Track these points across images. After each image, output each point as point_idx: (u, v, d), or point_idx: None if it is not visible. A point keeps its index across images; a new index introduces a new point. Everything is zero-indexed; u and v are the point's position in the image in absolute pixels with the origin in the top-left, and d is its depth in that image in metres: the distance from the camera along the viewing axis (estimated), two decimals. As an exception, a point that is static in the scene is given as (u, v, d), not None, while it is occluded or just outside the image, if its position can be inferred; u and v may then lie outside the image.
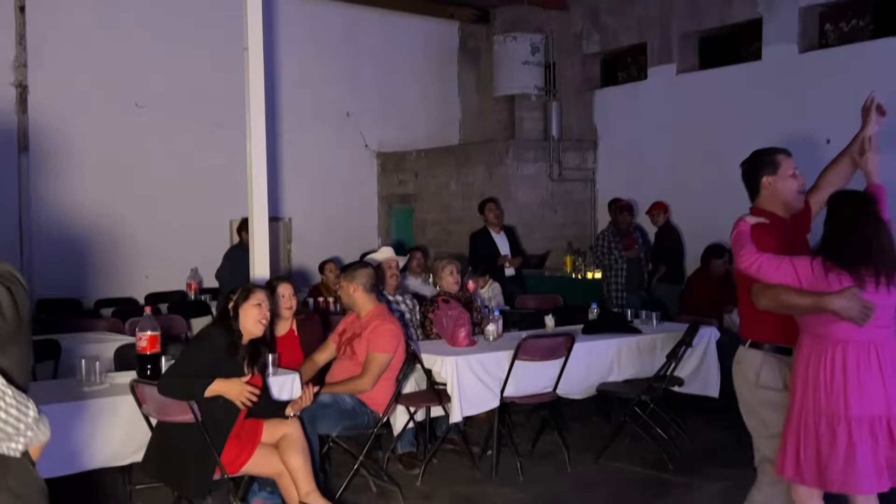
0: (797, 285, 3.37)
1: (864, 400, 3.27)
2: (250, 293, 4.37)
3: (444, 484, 5.32)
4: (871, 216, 3.39)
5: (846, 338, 3.32)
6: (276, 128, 10.62)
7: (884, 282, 3.29)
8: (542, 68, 11.53)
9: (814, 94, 9.14)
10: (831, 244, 3.38)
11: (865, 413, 3.27)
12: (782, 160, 3.76)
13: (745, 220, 3.64)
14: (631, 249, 8.87)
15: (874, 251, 3.32)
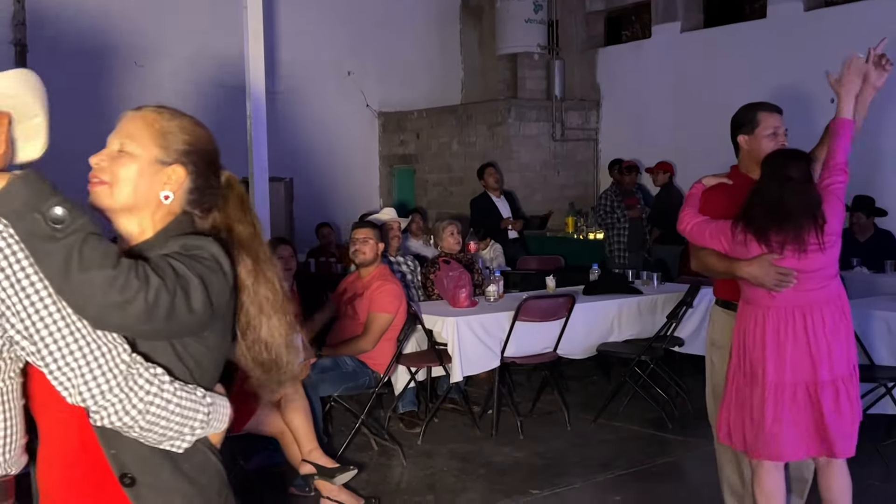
0: (722, 250, 3.36)
1: (785, 366, 3.23)
2: None
3: (444, 442, 5.38)
4: (779, 177, 3.25)
5: (767, 303, 3.28)
6: (276, 87, 10.55)
7: (792, 247, 3.19)
8: (545, 26, 11.42)
9: (818, 53, 9.03)
10: (745, 208, 3.32)
11: (787, 379, 3.23)
12: (763, 118, 3.56)
13: (701, 181, 3.61)
14: (633, 209, 8.86)
15: (780, 215, 3.21)
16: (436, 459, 5.10)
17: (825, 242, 3.20)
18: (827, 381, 3.22)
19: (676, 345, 6.14)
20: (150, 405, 1.55)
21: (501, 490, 4.58)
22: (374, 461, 5.03)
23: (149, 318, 1.51)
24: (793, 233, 3.20)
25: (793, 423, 3.24)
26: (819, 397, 3.22)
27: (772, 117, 3.58)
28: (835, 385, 3.23)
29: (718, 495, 4.65)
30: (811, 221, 3.21)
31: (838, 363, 3.24)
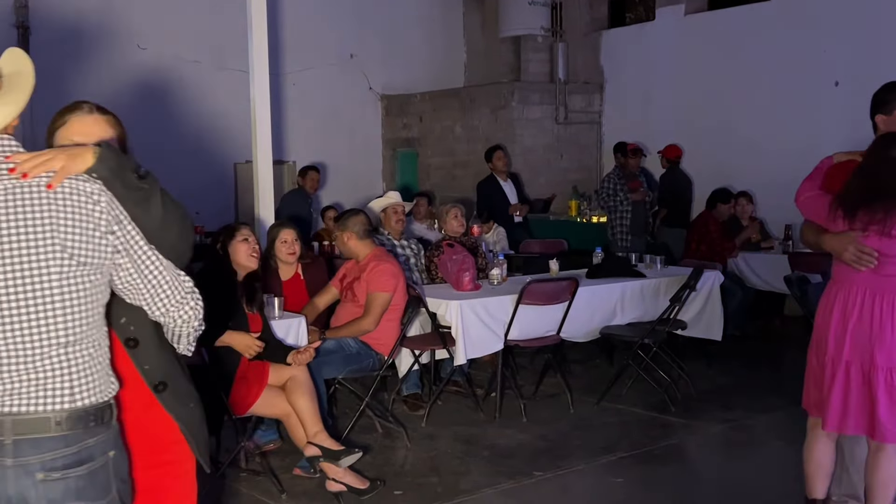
0: (822, 223, 3.38)
1: (844, 342, 3.29)
2: (235, 230, 4.42)
3: (448, 425, 5.40)
4: (880, 156, 3.25)
5: (844, 279, 3.34)
6: (279, 70, 10.53)
7: (877, 227, 3.19)
8: (549, 9, 11.35)
9: (823, 36, 9.01)
10: (846, 183, 3.32)
11: (844, 355, 3.30)
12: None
13: (831, 156, 3.54)
14: (636, 192, 8.86)
15: (871, 193, 3.23)
16: (439, 442, 5.13)
17: (888, 230, 3.17)
18: (882, 366, 3.24)
19: (679, 328, 6.15)
20: (200, 307, 2.04)
21: (505, 472, 4.61)
22: (378, 443, 5.06)
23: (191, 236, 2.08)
24: (880, 213, 3.20)
25: (842, 398, 3.31)
26: (872, 379, 3.26)
27: None
28: (891, 372, 3.24)
29: (720, 477, 4.70)
30: (887, 203, 3.19)
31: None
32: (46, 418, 1.77)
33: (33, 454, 1.76)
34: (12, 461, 1.75)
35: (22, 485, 1.75)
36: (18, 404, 1.76)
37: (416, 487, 4.41)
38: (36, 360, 1.77)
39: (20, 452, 1.75)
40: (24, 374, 1.76)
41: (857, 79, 8.36)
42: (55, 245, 1.76)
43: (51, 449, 1.77)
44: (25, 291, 1.75)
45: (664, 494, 4.39)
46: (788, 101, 9.19)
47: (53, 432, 1.77)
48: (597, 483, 4.59)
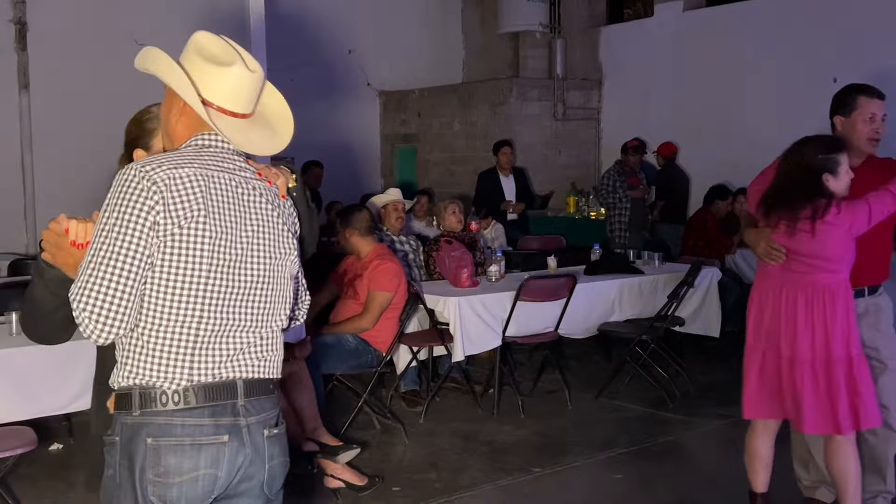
0: (756, 218, 3.59)
1: (760, 334, 3.48)
2: None
3: (446, 421, 5.41)
4: (788, 160, 3.41)
5: (763, 274, 3.53)
6: (277, 65, 10.49)
7: (785, 224, 3.34)
8: (547, 5, 11.36)
9: (820, 33, 9.01)
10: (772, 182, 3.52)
11: (759, 346, 3.48)
12: (862, 103, 3.52)
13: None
14: (635, 189, 8.86)
15: (782, 194, 3.38)
16: (438, 438, 5.13)
17: (817, 230, 3.27)
18: (787, 358, 3.38)
19: (677, 324, 6.15)
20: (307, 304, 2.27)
21: (503, 468, 4.62)
22: (376, 440, 5.07)
23: None
24: (787, 212, 3.34)
25: (757, 385, 3.48)
26: (794, 373, 3.37)
27: (872, 103, 3.52)
28: (811, 365, 3.34)
29: (718, 473, 4.71)
30: (807, 205, 3.30)
31: (808, 346, 3.33)
32: (266, 381, 1.99)
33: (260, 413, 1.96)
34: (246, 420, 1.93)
35: (255, 441, 1.94)
36: (249, 371, 1.95)
37: (415, 483, 4.42)
38: (277, 333, 2.03)
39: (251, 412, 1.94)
40: (268, 345, 1.99)
41: (855, 75, 8.33)
42: (291, 244, 2.04)
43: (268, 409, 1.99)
44: (280, 276, 2.00)
45: (662, 490, 4.40)
46: (786, 97, 9.19)
47: (270, 394, 2.00)
48: (595, 479, 4.60)
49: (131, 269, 1.79)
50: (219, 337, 1.89)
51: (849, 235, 3.30)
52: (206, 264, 1.85)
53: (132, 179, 1.83)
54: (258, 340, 1.96)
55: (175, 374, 1.85)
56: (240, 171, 1.96)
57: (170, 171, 1.84)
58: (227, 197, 1.90)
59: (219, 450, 1.87)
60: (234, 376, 1.91)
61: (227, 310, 1.89)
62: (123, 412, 1.87)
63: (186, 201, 1.83)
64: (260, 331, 1.96)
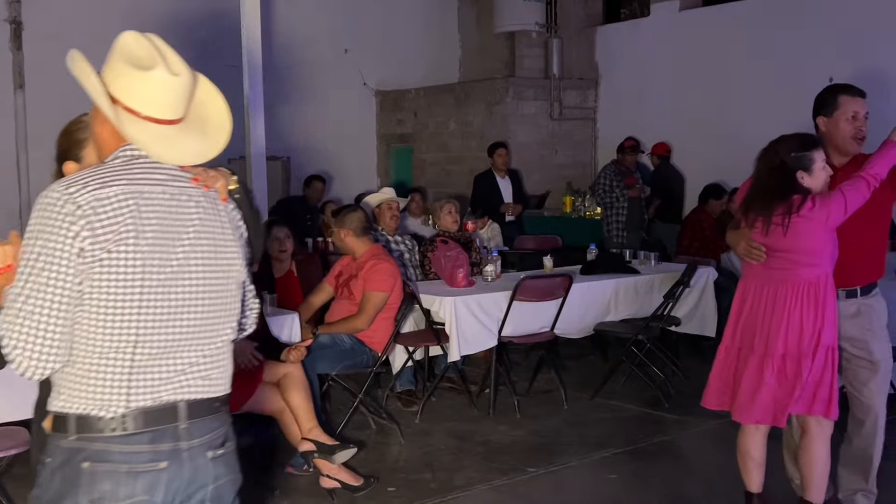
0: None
1: (736, 331, 3.53)
2: None
3: (441, 421, 5.41)
4: (763, 155, 3.43)
5: (744, 274, 3.59)
6: (273, 65, 10.49)
7: (761, 223, 3.37)
8: (543, 4, 11.36)
9: (817, 32, 9.02)
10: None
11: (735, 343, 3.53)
12: (843, 101, 3.51)
13: None
14: (632, 188, 8.86)
15: (757, 194, 3.42)
16: (433, 438, 5.13)
17: (788, 225, 3.30)
18: (759, 354, 3.43)
19: (673, 324, 6.16)
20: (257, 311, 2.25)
21: (498, 468, 4.61)
22: (371, 440, 5.06)
23: None
24: (763, 210, 3.38)
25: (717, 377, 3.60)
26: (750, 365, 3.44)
27: (853, 101, 3.52)
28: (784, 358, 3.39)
29: (713, 473, 4.71)
30: (779, 201, 3.33)
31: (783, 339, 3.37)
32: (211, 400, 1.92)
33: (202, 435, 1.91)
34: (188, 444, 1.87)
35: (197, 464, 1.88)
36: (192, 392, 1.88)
37: (410, 483, 4.41)
38: (223, 348, 1.95)
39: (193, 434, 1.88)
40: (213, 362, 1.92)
41: (851, 74, 8.36)
42: (236, 252, 1.96)
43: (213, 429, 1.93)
44: (224, 287, 1.93)
45: (657, 490, 4.40)
46: (782, 97, 9.18)
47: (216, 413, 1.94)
48: (590, 479, 4.59)
49: (61, 301, 1.73)
50: (156, 360, 1.82)
51: (826, 228, 3.32)
52: (139, 287, 1.77)
53: (55, 203, 1.74)
54: (201, 359, 1.89)
55: (112, 401, 1.78)
56: (173, 180, 1.88)
57: (95, 191, 1.76)
58: (159, 212, 1.82)
59: (155, 476, 1.81)
60: (176, 399, 1.85)
61: (163, 331, 1.81)
62: (59, 435, 1.81)
63: (114, 223, 1.75)
64: (202, 348, 1.89)
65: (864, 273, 3.58)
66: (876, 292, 3.64)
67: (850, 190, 3.29)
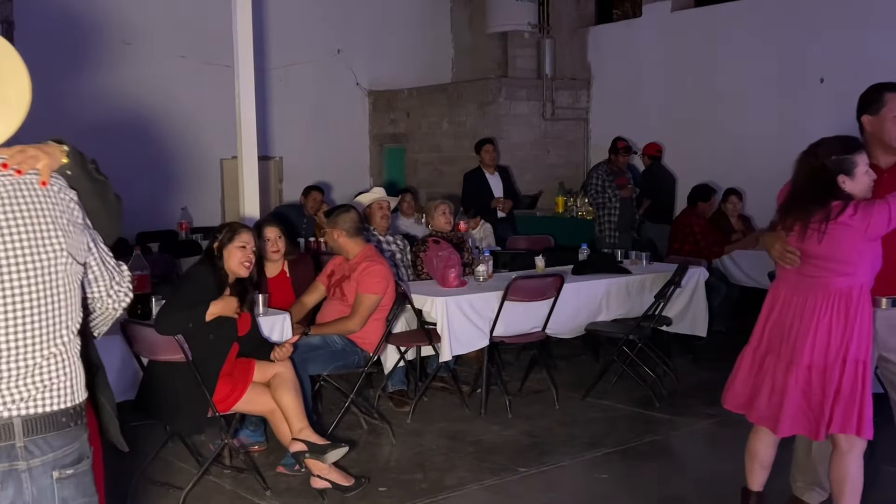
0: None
1: (763, 335, 3.46)
2: (235, 234, 4.33)
3: (433, 421, 5.41)
4: (799, 164, 3.35)
5: (778, 277, 3.50)
6: (265, 65, 10.49)
7: (798, 227, 3.29)
8: (536, 5, 11.38)
9: (808, 33, 9.05)
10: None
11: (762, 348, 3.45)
12: (890, 99, 3.38)
13: None
14: (624, 189, 8.88)
15: (794, 198, 3.35)
16: (425, 438, 5.13)
17: (825, 232, 3.19)
18: (785, 361, 3.35)
19: (664, 324, 6.17)
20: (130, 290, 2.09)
21: (490, 468, 4.62)
22: (363, 440, 5.06)
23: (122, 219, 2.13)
24: (801, 214, 3.29)
25: (742, 383, 3.48)
26: (777, 373, 3.37)
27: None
28: (809, 369, 3.30)
29: (704, 472, 4.72)
30: (819, 207, 3.23)
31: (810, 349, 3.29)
32: (55, 414, 1.75)
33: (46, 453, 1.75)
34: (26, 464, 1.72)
35: (40, 485, 1.73)
36: (27, 406, 1.72)
37: (401, 484, 4.41)
38: (63, 355, 1.78)
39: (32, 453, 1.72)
40: (51, 371, 1.75)
41: (842, 76, 8.41)
42: (60, 243, 1.77)
43: (60, 447, 1.77)
44: (52, 284, 1.77)
45: (649, 490, 4.41)
46: (774, 97, 9.23)
47: (63, 429, 1.77)
48: (581, 479, 4.60)
49: None
50: None
51: (866, 237, 3.18)
52: None
53: None
54: (34, 369, 1.72)
55: None
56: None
57: None
58: None
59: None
60: (9, 415, 1.69)
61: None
62: None
63: None
64: (33, 357, 1.72)
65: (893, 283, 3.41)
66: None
67: (895, 199, 3.17)
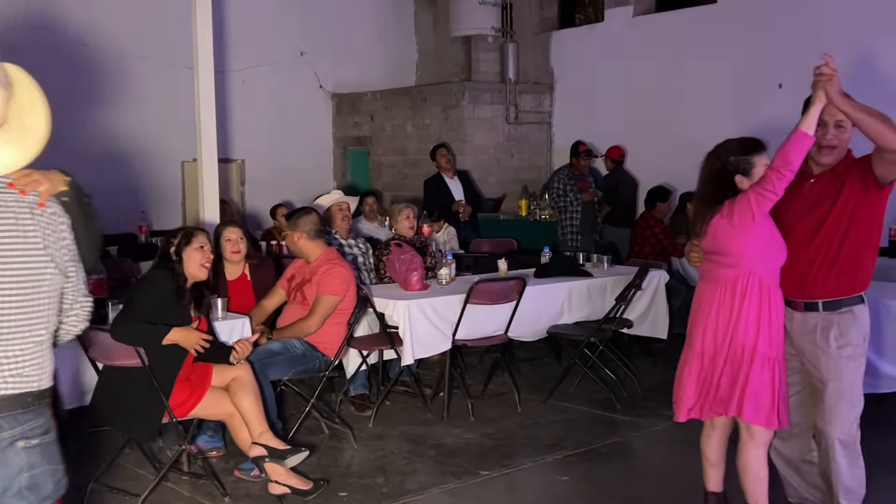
0: None
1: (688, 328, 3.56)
2: (192, 236, 4.29)
3: (395, 425, 5.40)
4: (703, 165, 3.48)
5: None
6: (226, 67, 10.41)
7: (702, 229, 3.44)
8: (499, 9, 11.41)
9: (768, 38, 9.18)
10: None
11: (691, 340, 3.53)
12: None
13: None
14: (586, 192, 8.93)
15: (698, 199, 3.53)
16: (386, 442, 5.11)
17: (712, 227, 3.38)
18: (696, 352, 3.47)
19: (625, 326, 6.22)
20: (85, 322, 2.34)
21: (451, 472, 4.61)
22: (324, 444, 5.03)
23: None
24: (703, 212, 3.45)
25: (685, 381, 3.54)
26: (687, 363, 3.51)
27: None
28: (700, 357, 3.46)
29: (664, 473, 4.76)
30: (707, 207, 3.42)
31: (711, 338, 3.42)
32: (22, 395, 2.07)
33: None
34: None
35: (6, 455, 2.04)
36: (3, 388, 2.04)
37: (362, 488, 4.39)
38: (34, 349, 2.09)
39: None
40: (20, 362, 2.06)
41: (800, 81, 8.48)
42: (48, 256, 2.08)
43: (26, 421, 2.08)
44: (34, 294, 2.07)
45: (609, 491, 4.44)
46: (734, 102, 9.34)
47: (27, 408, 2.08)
48: (543, 481, 4.61)
49: None
50: None
51: (736, 227, 3.31)
52: None
53: None
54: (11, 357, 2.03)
55: None
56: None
57: None
58: None
59: None
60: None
61: None
62: None
63: None
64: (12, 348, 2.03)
65: (830, 287, 3.39)
66: (846, 310, 3.41)
67: (755, 186, 3.27)
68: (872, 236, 3.40)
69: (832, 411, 3.44)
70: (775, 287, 3.40)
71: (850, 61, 8.24)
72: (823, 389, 3.45)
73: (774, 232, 3.38)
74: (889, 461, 4.49)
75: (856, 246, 3.36)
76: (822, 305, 3.42)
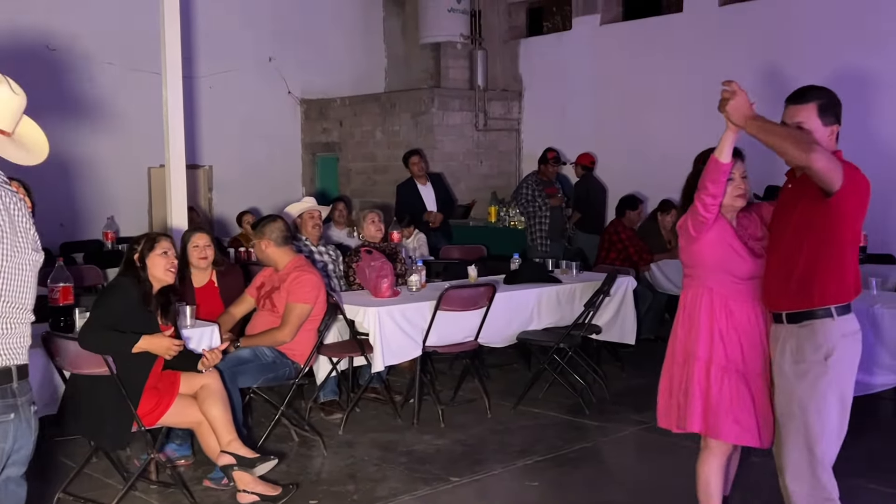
0: None
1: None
2: (155, 242, 4.26)
3: (365, 431, 5.38)
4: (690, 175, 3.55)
5: None
6: (194, 72, 10.34)
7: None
8: (468, 16, 11.45)
9: (732, 48, 9.31)
10: None
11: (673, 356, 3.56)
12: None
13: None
14: (554, 198, 9.00)
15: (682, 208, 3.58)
16: (357, 449, 5.10)
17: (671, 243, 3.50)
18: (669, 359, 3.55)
19: (594, 332, 6.26)
20: None
21: (422, 478, 4.61)
22: (294, 452, 5.00)
23: None
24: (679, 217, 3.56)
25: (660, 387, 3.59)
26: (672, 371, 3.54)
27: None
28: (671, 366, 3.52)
29: (632, 477, 4.79)
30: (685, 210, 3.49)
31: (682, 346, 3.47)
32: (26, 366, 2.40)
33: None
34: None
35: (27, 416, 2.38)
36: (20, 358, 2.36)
37: (332, 495, 4.38)
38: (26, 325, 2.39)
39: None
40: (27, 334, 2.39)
41: (768, 90, 8.63)
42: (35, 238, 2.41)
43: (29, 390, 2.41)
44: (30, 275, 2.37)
45: (578, 496, 4.47)
46: (700, 110, 9.42)
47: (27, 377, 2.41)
48: (513, 487, 4.63)
49: None
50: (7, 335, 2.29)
51: (687, 239, 3.40)
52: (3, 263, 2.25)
53: None
54: (24, 329, 2.36)
55: None
56: (4, 184, 2.33)
57: None
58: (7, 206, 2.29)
59: (6, 427, 2.30)
60: (9, 363, 2.31)
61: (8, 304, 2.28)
62: None
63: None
64: (27, 320, 2.36)
65: (791, 298, 3.17)
66: (807, 324, 3.13)
67: (692, 205, 3.34)
68: (833, 248, 3.09)
69: (789, 456, 3.14)
70: (733, 300, 3.34)
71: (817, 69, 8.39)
72: (780, 423, 3.21)
73: (735, 245, 3.33)
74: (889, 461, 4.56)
75: (813, 257, 3.10)
76: (786, 318, 3.18)
